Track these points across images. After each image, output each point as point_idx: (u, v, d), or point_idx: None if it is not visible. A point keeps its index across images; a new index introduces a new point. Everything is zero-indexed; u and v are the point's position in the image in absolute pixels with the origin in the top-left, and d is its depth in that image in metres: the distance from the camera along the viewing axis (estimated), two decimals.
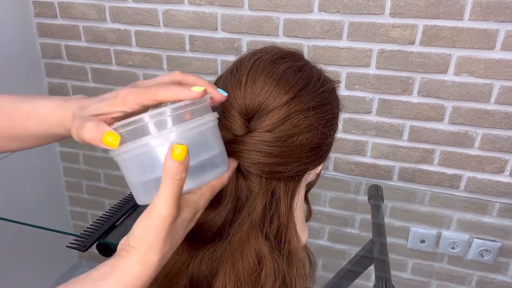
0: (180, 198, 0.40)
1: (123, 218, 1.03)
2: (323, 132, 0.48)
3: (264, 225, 0.48)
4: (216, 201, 0.49)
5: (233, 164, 0.47)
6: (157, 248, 0.40)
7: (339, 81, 0.64)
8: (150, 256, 0.40)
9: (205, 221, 0.49)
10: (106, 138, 0.39)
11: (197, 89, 0.40)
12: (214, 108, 0.45)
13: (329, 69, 1.19)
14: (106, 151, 0.40)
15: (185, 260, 0.51)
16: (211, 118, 0.42)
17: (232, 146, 0.46)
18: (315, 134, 0.47)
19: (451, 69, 1.13)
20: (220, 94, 0.43)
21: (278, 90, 0.46)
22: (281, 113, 0.46)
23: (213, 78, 0.56)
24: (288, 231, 0.49)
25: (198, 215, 0.47)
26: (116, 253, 0.41)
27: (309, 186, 0.60)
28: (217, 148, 0.43)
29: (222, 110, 0.48)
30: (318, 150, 0.49)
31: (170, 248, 0.42)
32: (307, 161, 0.48)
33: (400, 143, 1.25)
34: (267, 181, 0.48)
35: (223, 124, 0.47)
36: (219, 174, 0.43)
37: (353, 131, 1.28)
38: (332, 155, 1.33)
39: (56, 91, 1.57)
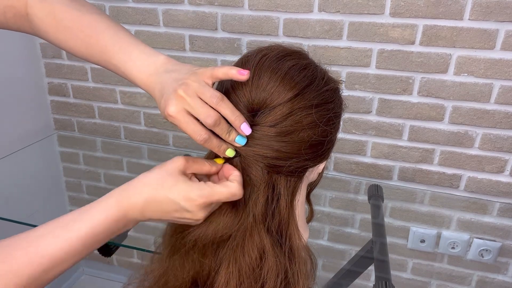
0: None
1: None
2: (324, 129, 0.49)
3: (266, 219, 0.49)
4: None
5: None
6: None
7: (342, 82, 0.64)
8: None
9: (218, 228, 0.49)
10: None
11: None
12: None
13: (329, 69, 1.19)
14: (106, 151, 0.40)
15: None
16: None
17: None
18: (316, 131, 0.48)
19: (451, 69, 1.13)
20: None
21: (282, 87, 0.47)
22: (284, 109, 0.47)
23: None
24: (289, 228, 0.50)
25: None
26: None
27: (311, 186, 0.60)
28: None
29: None
30: (319, 148, 0.50)
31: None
32: (307, 157, 0.49)
33: (400, 143, 1.25)
34: (268, 175, 0.49)
35: None
36: None
37: (353, 131, 1.28)
38: (332, 155, 1.33)
39: (56, 91, 1.57)
